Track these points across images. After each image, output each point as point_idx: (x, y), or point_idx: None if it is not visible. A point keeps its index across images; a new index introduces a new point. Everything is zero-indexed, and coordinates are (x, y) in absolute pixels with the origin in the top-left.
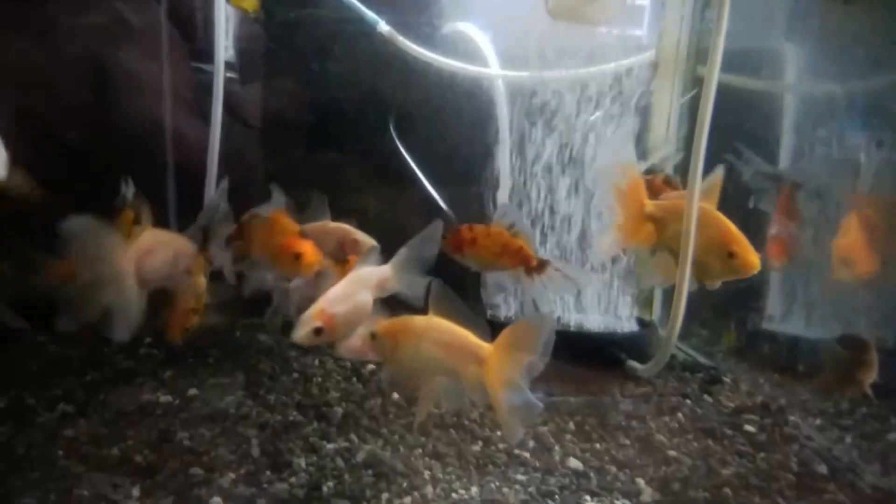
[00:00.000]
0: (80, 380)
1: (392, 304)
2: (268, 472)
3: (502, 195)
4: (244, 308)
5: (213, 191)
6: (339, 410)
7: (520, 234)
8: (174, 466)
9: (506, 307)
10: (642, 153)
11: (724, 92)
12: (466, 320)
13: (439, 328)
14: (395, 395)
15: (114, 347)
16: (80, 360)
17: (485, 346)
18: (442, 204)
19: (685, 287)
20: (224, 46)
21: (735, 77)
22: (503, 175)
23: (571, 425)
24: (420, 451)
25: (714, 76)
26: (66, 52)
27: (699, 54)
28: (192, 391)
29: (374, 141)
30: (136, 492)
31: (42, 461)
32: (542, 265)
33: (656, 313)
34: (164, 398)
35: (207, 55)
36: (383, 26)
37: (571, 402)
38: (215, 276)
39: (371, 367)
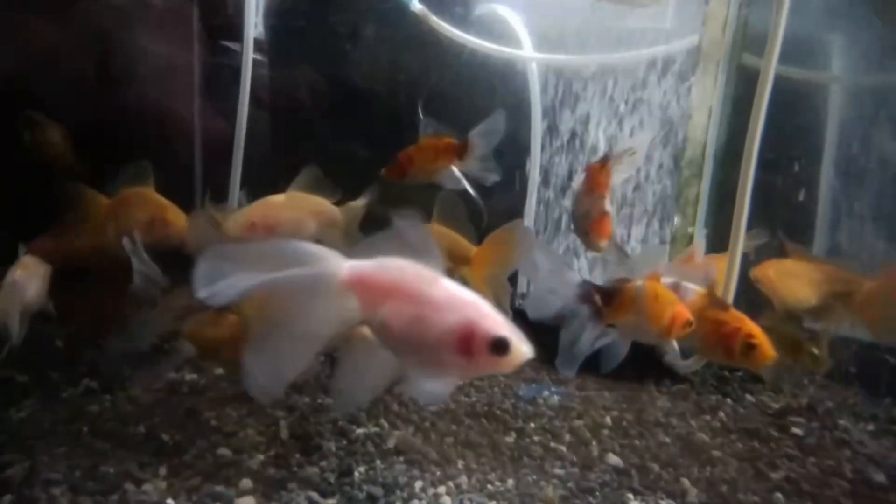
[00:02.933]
0: (105, 356)
1: None
2: (297, 455)
3: (532, 181)
4: None
5: (239, 172)
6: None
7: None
8: (202, 446)
9: None
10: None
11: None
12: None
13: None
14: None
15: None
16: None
17: (472, 247)
18: (469, 188)
19: (732, 284)
20: (253, 23)
21: (783, 67)
22: (533, 161)
23: (608, 420)
24: (452, 439)
25: (771, 67)
26: (74, 29)
27: (745, 41)
28: (219, 370)
29: (403, 123)
30: (163, 470)
31: (67, 436)
32: (466, 145)
33: None
34: (190, 377)
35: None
36: (416, 5)
37: (606, 395)
38: None
39: None
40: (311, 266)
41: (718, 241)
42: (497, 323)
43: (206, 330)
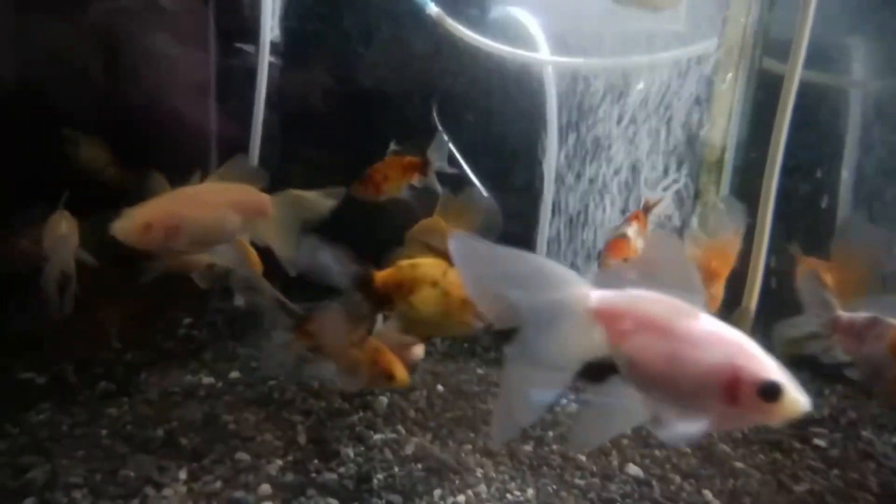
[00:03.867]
0: (121, 358)
1: None
2: (316, 461)
3: (547, 186)
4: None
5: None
6: (384, 400)
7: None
8: (220, 451)
9: None
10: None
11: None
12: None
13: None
14: (440, 388)
15: (153, 327)
16: (119, 339)
17: None
18: (483, 191)
19: (755, 292)
20: (269, 27)
21: (805, 71)
22: (548, 165)
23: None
24: (470, 447)
25: (796, 72)
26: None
27: (766, 45)
28: (235, 374)
29: (417, 125)
30: (182, 475)
31: (86, 440)
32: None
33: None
34: (207, 380)
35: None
36: (432, 8)
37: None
38: None
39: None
40: (554, 289)
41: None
42: (767, 365)
43: (351, 351)
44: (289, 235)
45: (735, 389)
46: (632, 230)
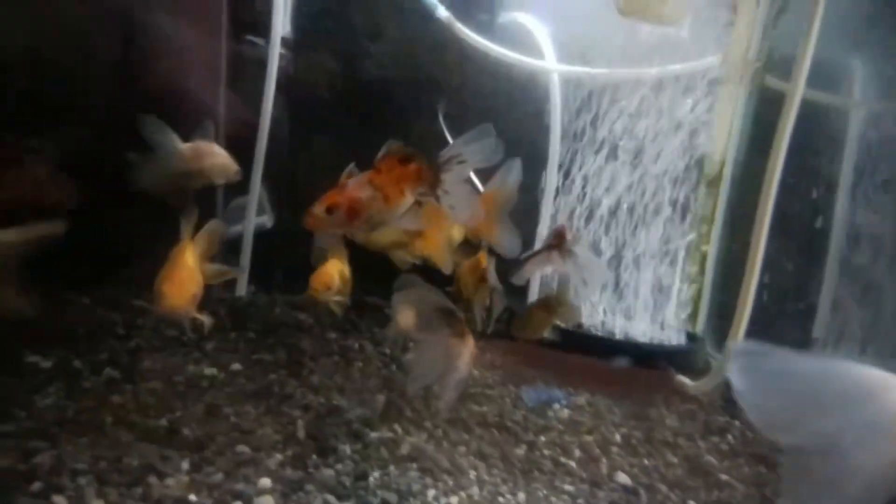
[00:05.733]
0: (125, 345)
1: None
2: (314, 457)
3: (549, 192)
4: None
5: (261, 167)
6: (381, 398)
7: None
8: (222, 442)
9: None
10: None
11: (782, 101)
12: None
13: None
14: (437, 388)
15: (156, 315)
16: (124, 326)
17: None
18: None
19: (748, 305)
20: (281, 21)
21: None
22: (550, 171)
23: (618, 437)
24: (464, 448)
25: (799, 89)
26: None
27: (769, 62)
28: (236, 366)
29: (422, 128)
30: (184, 465)
31: (91, 426)
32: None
33: (701, 325)
34: (209, 371)
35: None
36: (442, 12)
37: (616, 411)
38: None
39: (411, 356)
40: (873, 405)
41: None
42: None
43: None
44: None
45: None
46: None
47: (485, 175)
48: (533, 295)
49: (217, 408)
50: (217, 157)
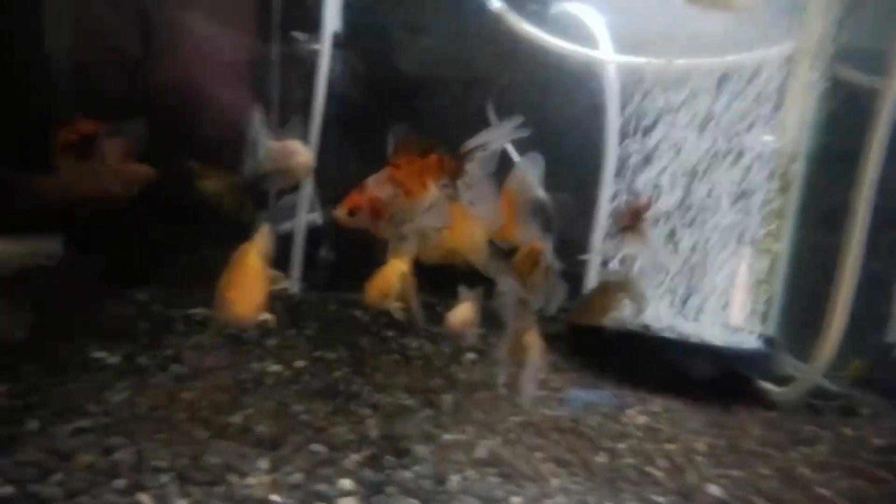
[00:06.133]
0: (187, 342)
1: None
2: (390, 457)
3: (605, 188)
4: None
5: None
6: (448, 398)
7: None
8: (297, 441)
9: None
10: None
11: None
12: None
13: None
14: (503, 390)
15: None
16: (183, 322)
17: None
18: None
19: (841, 311)
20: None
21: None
22: (608, 166)
23: (700, 446)
24: (541, 454)
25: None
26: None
27: (840, 52)
28: (299, 363)
29: (471, 121)
30: (263, 464)
31: (166, 423)
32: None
33: (772, 328)
34: (274, 367)
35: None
36: (495, 2)
37: (694, 418)
38: None
39: (471, 356)
40: None
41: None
42: None
43: None
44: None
45: None
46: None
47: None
48: (591, 281)
49: (286, 405)
50: (303, 154)
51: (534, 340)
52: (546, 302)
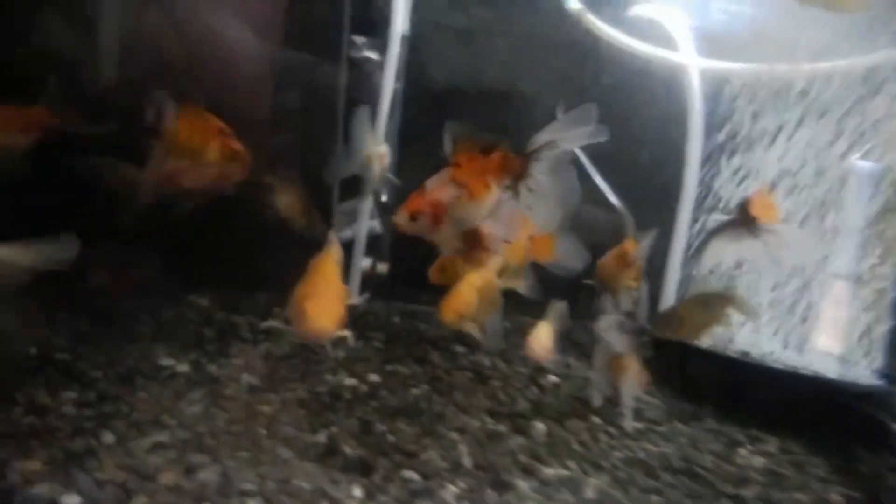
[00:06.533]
0: (255, 350)
1: None
2: (490, 491)
3: (686, 200)
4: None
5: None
6: (539, 426)
7: None
8: (386, 466)
9: None
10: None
11: None
12: None
13: None
14: (597, 420)
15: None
16: (249, 328)
17: None
18: (614, 200)
19: None
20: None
21: None
22: (689, 179)
23: (836, 497)
24: (658, 499)
25: None
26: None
27: None
28: (373, 377)
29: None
30: (356, 491)
31: (247, 439)
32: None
33: (880, 360)
34: (349, 381)
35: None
36: (574, 3)
37: (818, 463)
38: None
39: (553, 378)
40: None
41: None
42: None
43: None
44: None
45: None
46: None
47: None
48: (670, 285)
49: (370, 423)
50: (386, 158)
51: (634, 365)
52: (635, 307)
